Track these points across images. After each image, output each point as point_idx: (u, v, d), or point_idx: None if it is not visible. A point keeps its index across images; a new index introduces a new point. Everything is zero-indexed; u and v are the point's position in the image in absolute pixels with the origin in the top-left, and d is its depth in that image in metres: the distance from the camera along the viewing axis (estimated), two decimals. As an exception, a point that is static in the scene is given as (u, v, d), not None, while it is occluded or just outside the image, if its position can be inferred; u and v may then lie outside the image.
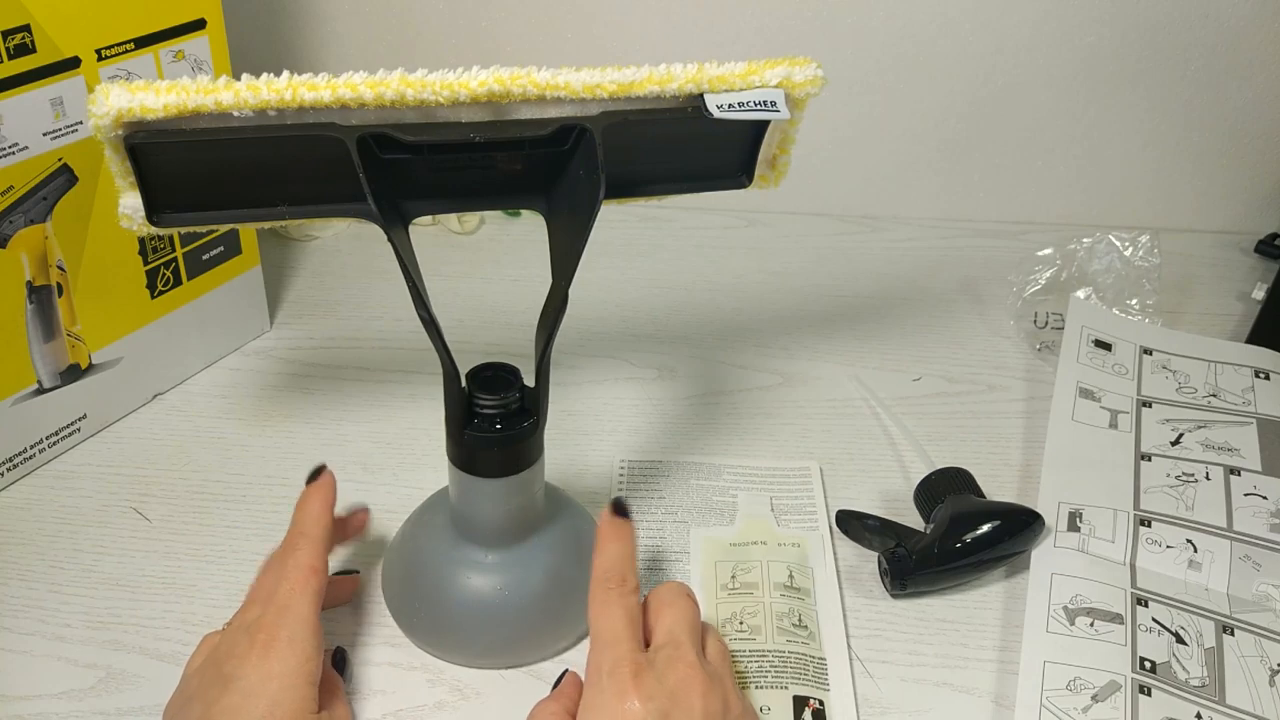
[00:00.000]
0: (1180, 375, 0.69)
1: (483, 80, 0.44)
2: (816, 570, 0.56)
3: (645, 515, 0.59)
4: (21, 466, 0.60)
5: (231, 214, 0.46)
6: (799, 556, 0.56)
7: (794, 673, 0.50)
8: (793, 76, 0.48)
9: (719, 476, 0.62)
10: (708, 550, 0.57)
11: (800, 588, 0.54)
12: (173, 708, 0.44)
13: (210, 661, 0.44)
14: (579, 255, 0.45)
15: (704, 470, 0.63)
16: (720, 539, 0.57)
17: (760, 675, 0.50)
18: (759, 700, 0.49)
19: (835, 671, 0.51)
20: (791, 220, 0.89)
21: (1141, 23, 0.80)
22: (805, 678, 0.50)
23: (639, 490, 0.61)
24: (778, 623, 0.52)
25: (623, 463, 0.63)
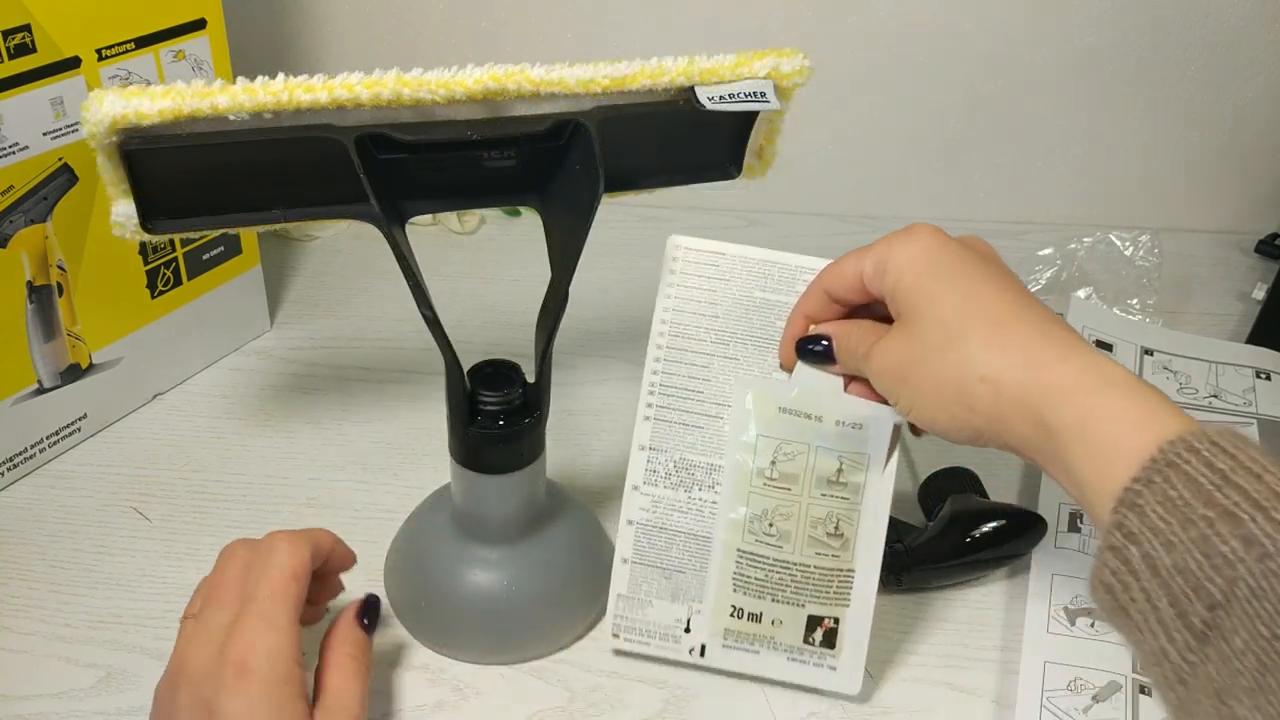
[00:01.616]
0: (1181, 376, 0.69)
1: (478, 78, 0.44)
2: (873, 460, 0.47)
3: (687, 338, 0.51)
4: (22, 466, 0.60)
5: (227, 218, 0.46)
6: (857, 442, 0.47)
7: (815, 589, 0.47)
8: (780, 67, 0.49)
9: (789, 289, 0.50)
10: (755, 410, 0.48)
11: (848, 483, 0.47)
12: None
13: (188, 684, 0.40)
14: (579, 251, 0.45)
15: (773, 280, 0.51)
16: (771, 397, 0.48)
17: (778, 588, 0.47)
18: (770, 613, 0.47)
19: (860, 586, 0.47)
20: (791, 220, 0.89)
21: (1141, 23, 0.80)
22: (825, 595, 0.47)
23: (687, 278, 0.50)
24: (811, 530, 0.47)
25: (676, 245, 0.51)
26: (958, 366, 0.38)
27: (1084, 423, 0.35)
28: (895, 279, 0.41)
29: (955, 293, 0.40)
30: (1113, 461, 0.34)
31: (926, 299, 0.40)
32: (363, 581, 0.55)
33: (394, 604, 0.54)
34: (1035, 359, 0.37)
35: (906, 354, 0.40)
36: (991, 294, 0.39)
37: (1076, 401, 0.35)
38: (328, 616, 0.48)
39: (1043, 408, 0.36)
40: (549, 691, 0.50)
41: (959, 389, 0.38)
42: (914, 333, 0.40)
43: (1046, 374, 0.36)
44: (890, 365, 0.41)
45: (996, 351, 0.37)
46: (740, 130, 0.52)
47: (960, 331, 0.38)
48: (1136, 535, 0.32)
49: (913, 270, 0.41)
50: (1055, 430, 0.36)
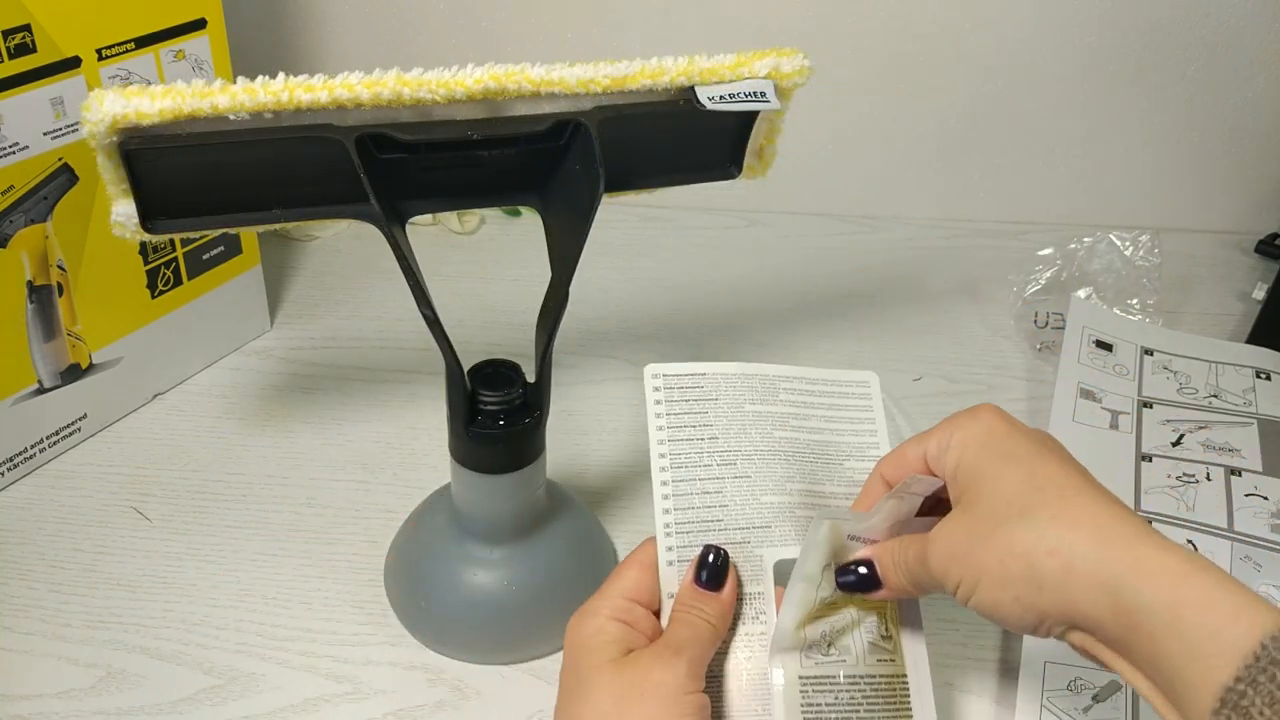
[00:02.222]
0: (1181, 376, 0.69)
1: (478, 78, 0.44)
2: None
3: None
4: (22, 466, 0.60)
5: (226, 218, 0.46)
6: None
7: (884, 704, 0.42)
8: (781, 67, 0.49)
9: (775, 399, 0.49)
10: (826, 536, 0.43)
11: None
12: None
13: None
14: (579, 251, 0.45)
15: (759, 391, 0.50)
16: (842, 524, 0.43)
17: (850, 710, 0.42)
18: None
19: (917, 694, 0.43)
20: (791, 220, 0.89)
21: (1141, 23, 0.80)
22: (891, 707, 0.43)
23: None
24: (867, 635, 0.43)
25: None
26: (1024, 541, 0.36)
27: (1174, 609, 0.32)
28: (957, 457, 0.40)
29: (1020, 469, 0.38)
30: (1210, 655, 0.31)
31: (990, 476, 0.38)
32: (363, 581, 0.55)
33: (394, 604, 0.54)
34: (1109, 535, 0.35)
35: (969, 532, 0.38)
36: (1056, 471, 0.37)
37: (1162, 584, 0.33)
38: None
39: (1121, 587, 0.33)
40: (549, 691, 0.50)
41: (1026, 566, 0.35)
42: (976, 511, 0.38)
43: (1125, 551, 0.34)
44: (950, 546, 0.38)
45: (1067, 526, 0.35)
46: (740, 130, 0.52)
47: (1026, 507, 0.36)
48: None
49: (975, 447, 0.39)
50: (1134, 613, 0.33)
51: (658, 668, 0.39)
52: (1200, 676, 0.31)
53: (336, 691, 0.50)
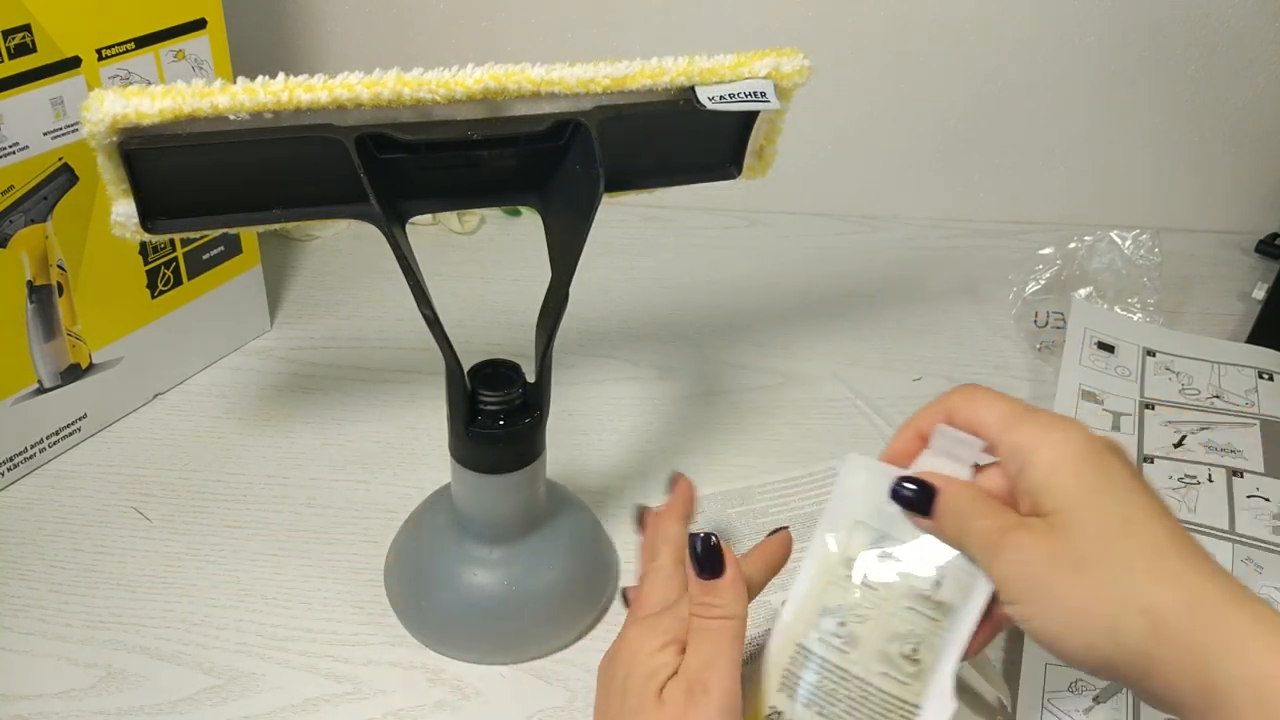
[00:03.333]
0: (1183, 376, 0.69)
1: (478, 78, 0.44)
2: (978, 585, 0.39)
3: None
4: (22, 466, 0.60)
5: (227, 218, 0.46)
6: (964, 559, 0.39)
7: (870, 714, 0.39)
8: (781, 67, 0.49)
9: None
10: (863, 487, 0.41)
11: (943, 603, 0.39)
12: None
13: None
14: (579, 251, 0.45)
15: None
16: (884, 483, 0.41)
17: (828, 700, 0.39)
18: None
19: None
20: (791, 220, 0.89)
21: (1141, 22, 0.80)
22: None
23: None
24: (885, 644, 0.39)
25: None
26: (1114, 593, 0.34)
27: (1259, 685, 0.31)
28: (1046, 479, 0.37)
29: (1119, 510, 0.36)
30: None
31: (1083, 508, 0.36)
32: (363, 581, 0.55)
33: (394, 604, 0.54)
34: (1201, 599, 0.33)
35: (1051, 558, 0.35)
36: (1151, 518, 0.36)
37: (1253, 657, 0.31)
38: None
39: (1210, 658, 0.32)
40: (549, 691, 0.50)
41: (1113, 618, 0.34)
42: (1064, 538, 0.35)
43: (1217, 619, 0.33)
44: (1032, 564, 0.36)
45: (1164, 584, 0.34)
46: (740, 130, 0.52)
47: (1124, 554, 0.34)
48: None
49: (1070, 474, 0.36)
50: (1222, 688, 0.32)
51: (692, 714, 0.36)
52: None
53: (336, 691, 0.50)
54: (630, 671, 0.38)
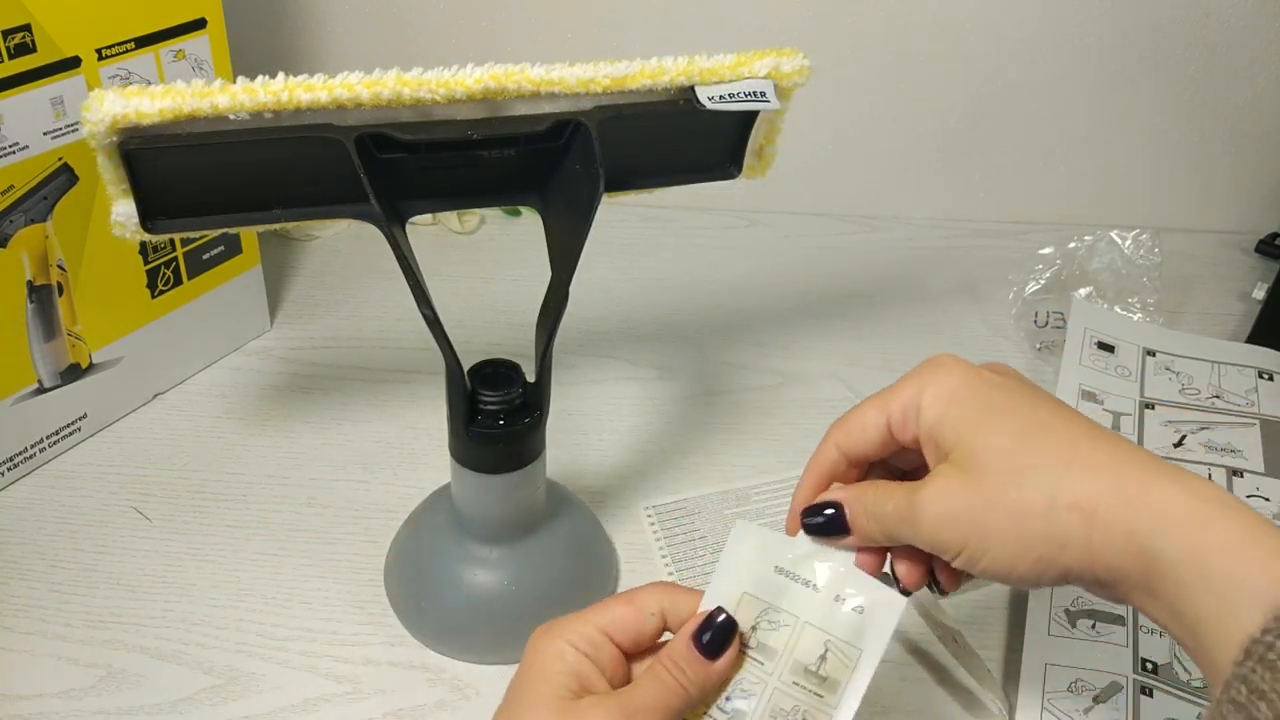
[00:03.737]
0: (1183, 376, 0.69)
1: (478, 78, 0.44)
2: (864, 658, 0.37)
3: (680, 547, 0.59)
4: (22, 466, 0.60)
5: (226, 218, 0.46)
6: (852, 630, 0.38)
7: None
8: (781, 67, 0.49)
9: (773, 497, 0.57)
10: (751, 556, 0.40)
11: (828, 678, 0.37)
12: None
13: None
14: (579, 251, 0.45)
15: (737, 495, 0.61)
16: (770, 553, 0.40)
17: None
18: None
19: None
20: (791, 220, 0.89)
21: (1141, 22, 0.80)
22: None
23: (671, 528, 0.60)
24: (772, 717, 0.38)
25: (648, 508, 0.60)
26: (1038, 499, 0.33)
27: (1199, 557, 0.31)
28: (937, 414, 0.36)
29: (1011, 420, 0.35)
30: (1237, 605, 0.30)
31: (979, 432, 0.35)
32: (363, 581, 0.55)
33: (394, 604, 0.54)
34: (1128, 481, 0.33)
35: (968, 493, 0.35)
36: (1052, 416, 0.35)
37: (1187, 531, 0.31)
38: None
39: (1146, 535, 0.32)
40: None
41: (1047, 526, 0.33)
42: (973, 470, 0.35)
43: (1147, 497, 0.32)
44: (951, 508, 0.35)
45: (1082, 474, 0.33)
46: (740, 130, 0.52)
47: (1032, 460, 0.34)
48: (1266, 693, 0.29)
49: (956, 402, 0.36)
50: (1162, 563, 0.31)
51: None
52: (1225, 626, 0.30)
53: (336, 691, 0.50)
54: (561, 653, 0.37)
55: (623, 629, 0.38)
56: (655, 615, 0.38)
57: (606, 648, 0.37)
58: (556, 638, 0.37)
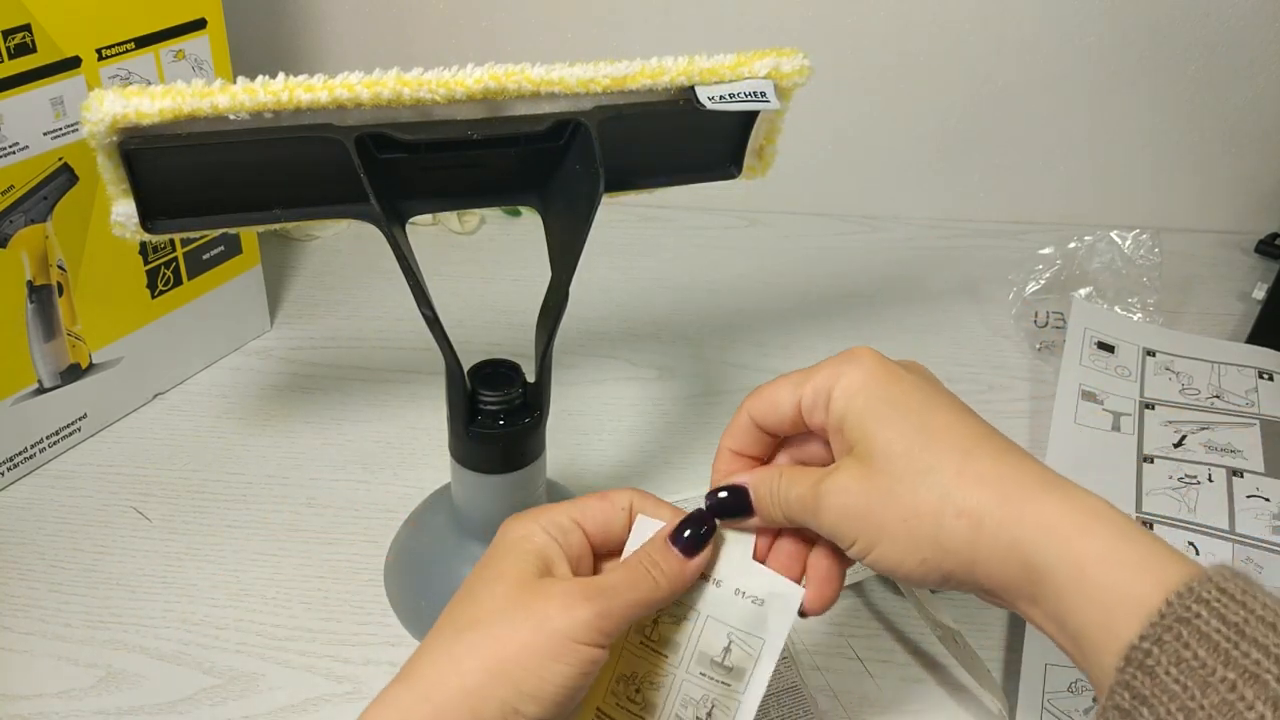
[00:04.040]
0: (1183, 376, 0.69)
1: (478, 78, 0.44)
2: (767, 648, 0.38)
3: None
4: (22, 466, 0.60)
5: (226, 218, 0.46)
6: (753, 622, 0.38)
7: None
8: (781, 67, 0.49)
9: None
10: None
11: (734, 668, 0.38)
12: None
13: None
14: (579, 251, 0.45)
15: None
16: None
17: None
18: None
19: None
20: (791, 220, 0.89)
21: (1141, 23, 0.80)
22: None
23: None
24: (680, 710, 0.39)
25: None
26: (929, 502, 0.34)
27: (1078, 567, 0.31)
28: (844, 406, 0.37)
29: (915, 419, 0.36)
30: (1115, 613, 0.30)
31: (882, 427, 0.36)
32: (363, 581, 0.55)
33: (394, 604, 0.54)
34: (1014, 492, 0.33)
35: (865, 488, 0.35)
36: (953, 421, 0.36)
37: (1068, 542, 0.32)
38: None
39: (1028, 547, 0.32)
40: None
41: (933, 528, 0.34)
42: (872, 465, 0.35)
43: (1029, 508, 0.33)
44: (849, 503, 0.36)
45: (972, 483, 0.34)
46: (740, 130, 0.52)
47: (928, 463, 0.35)
48: (1149, 699, 0.29)
49: (864, 396, 0.37)
50: (1043, 573, 0.32)
51: (557, 606, 0.34)
52: (1106, 634, 0.31)
53: (336, 691, 0.50)
54: (530, 534, 0.37)
55: (592, 518, 0.38)
56: (625, 510, 0.39)
57: (575, 534, 0.38)
58: (528, 521, 0.38)
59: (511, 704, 0.33)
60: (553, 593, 0.35)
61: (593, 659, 0.34)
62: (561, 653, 0.34)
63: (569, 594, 0.35)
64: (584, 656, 0.34)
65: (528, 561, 0.36)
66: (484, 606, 0.35)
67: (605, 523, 0.39)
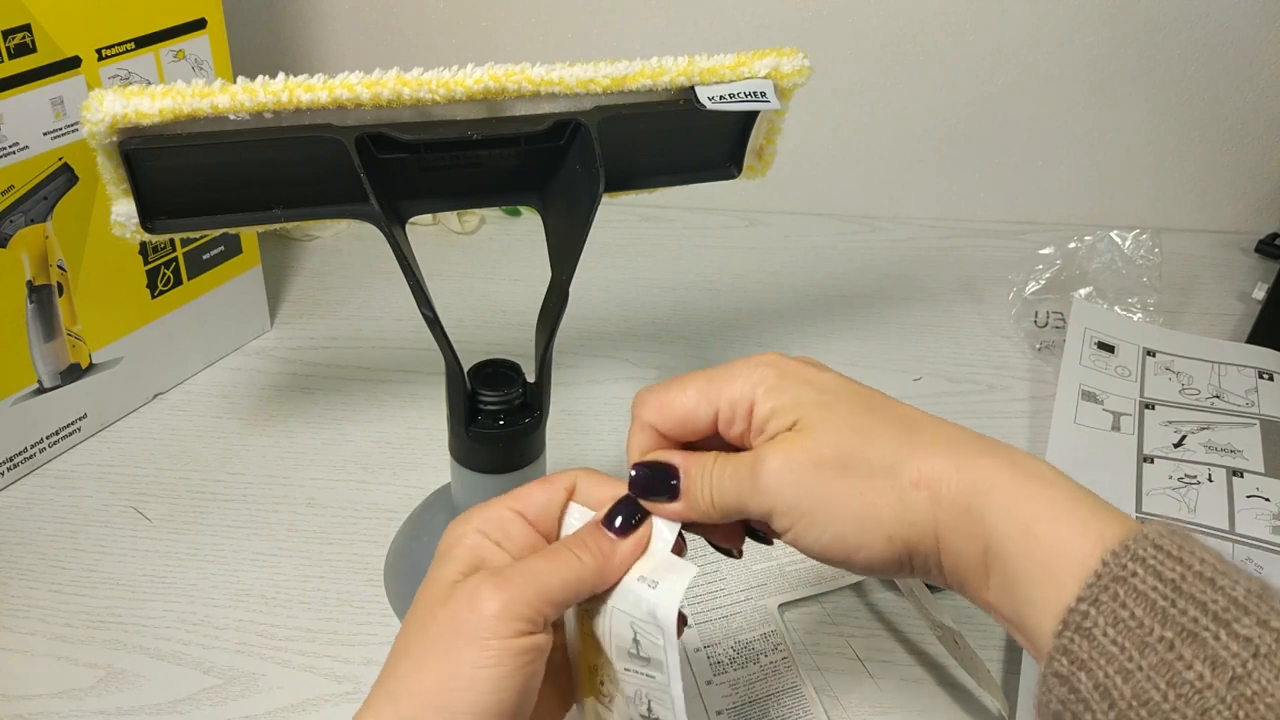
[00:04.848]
0: (1183, 376, 0.69)
1: (478, 78, 0.44)
2: (666, 634, 0.34)
3: None
4: (22, 466, 0.60)
5: (227, 218, 0.46)
6: (649, 607, 0.35)
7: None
8: (781, 67, 0.49)
9: None
10: None
11: (650, 659, 0.35)
12: None
13: None
14: (579, 250, 0.46)
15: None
16: None
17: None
18: None
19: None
20: (791, 220, 0.89)
21: (1141, 23, 0.80)
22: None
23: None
24: (627, 709, 0.36)
25: None
26: (889, 477, 0.33)
27: (1025, 528, 0.31)
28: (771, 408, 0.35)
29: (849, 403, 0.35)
30: (1058, 574, 0.30)
31: (818, 407, 0.34)
32: (363, 581, 0.55)
33: (394, 604, 0.54)
34: (964, 460, 0.32)
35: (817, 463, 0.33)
36: (885, 401, 0.35)
37: (1014, 501, 0.31)
38: None
39: (981, 511, 0.31)
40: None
41: (899, 503, 0.32)
42: (818, 441, 0.33)
43: (979, 477, 0.32)
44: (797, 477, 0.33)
45: (926, 455, 0.33)
46: (740, 130, 0.52)
47: (879, 441, 0.33)
48: (1086, 662, 0.28)
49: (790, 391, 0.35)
50: (994, 538, 0.31)
51: (464, 604, 0.32)
52: (1048, 598, 0.30)
53: (336, 691, 0.50)
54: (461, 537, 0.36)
55: (534, 505, 0.36)
56: (566, 491, 0.37)
57: (515, 524, 0.36)
58: (462, 523, 0.36)
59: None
60: (460, 592, 0.33)
61: (517, 650, 0.32)
62: (479, 656, 0.31)
63: (476, 587, 0.32)
64: (504, 650, 0.32)
65: (451, 567, 0.34)
66: (410, 630, 0.34)
67: (547, 507, 0.37)
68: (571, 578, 0.34)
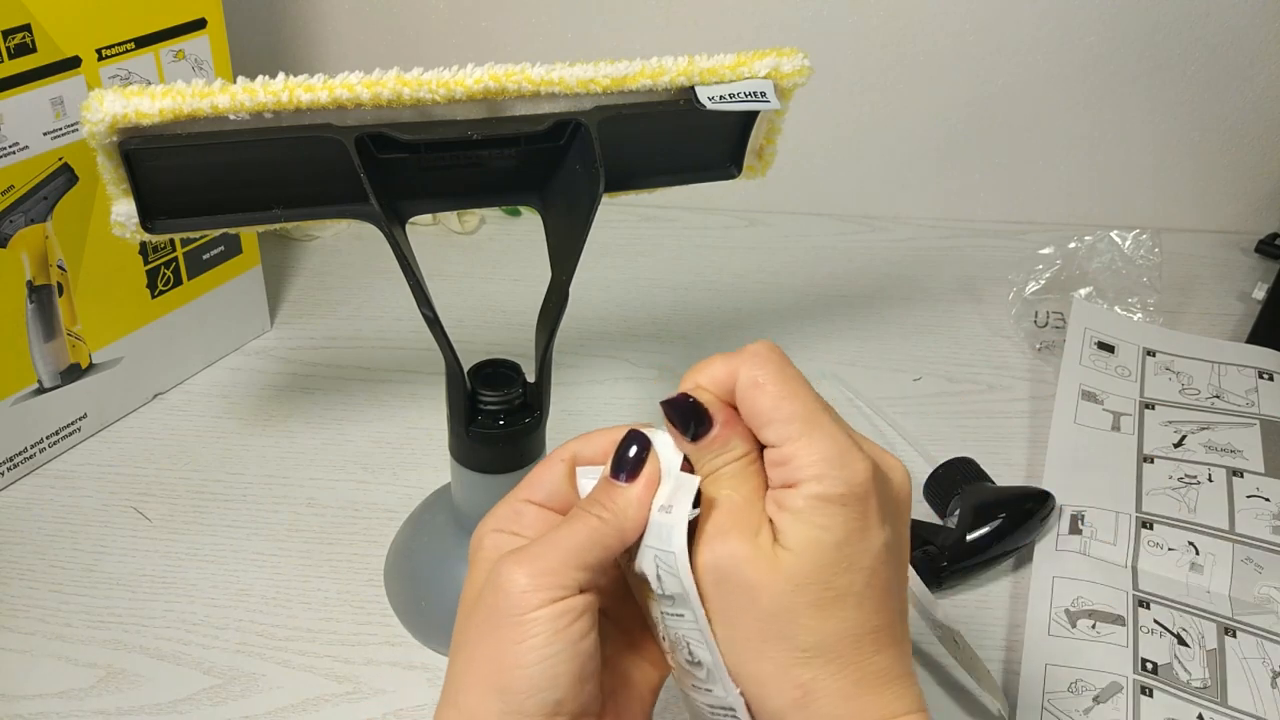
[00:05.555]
0: (1184, 376, 0.69)
1: (478, 78, 0.44)
2: (679, 557, 0.33)
3: None
4: (22, 466, 0.60)
5: (227, 218, 0.46)
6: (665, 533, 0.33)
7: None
8: (781, 67, 0.49)
9: None
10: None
11: (675, 596, 0.33)
12: None
13: None
14: (579, 250, 0.46)
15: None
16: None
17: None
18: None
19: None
20: (791, 220, 0.89)
21: (1142, 23, 0.80)
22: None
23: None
24: (673, 654, 0.35)
25: None
26: (800, 663, 0.32)
27: None
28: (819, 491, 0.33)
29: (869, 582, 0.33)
30: None
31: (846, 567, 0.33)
32: (363, 581, 0.55)
33: (394, 604, 0.54)
34: (852, 690, 0.32)
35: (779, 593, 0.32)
36: (896, 599, 0.34)
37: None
38: None
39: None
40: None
41: (778, 677, 0.32)
42: (798, 584, 0.32)
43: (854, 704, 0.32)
44: (746, 589, 0.32)
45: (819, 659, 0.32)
46: (740, 130, 0.52)
47: (830, 629, 0.32)
48: None
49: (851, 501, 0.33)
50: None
51: (495, 587, 0.32)
52: None
53: (336, 691, 0.50)
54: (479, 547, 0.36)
55: (541, 487, 0.36)
56: (566, 462, 0.36)
57: (528, 512, 0.36)
58: (479, 528, 0.36)
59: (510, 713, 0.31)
60: (490, 582, 0.33)
61: (552, 616, 0.31)
62: (518, 632, 0.31)
63: (500, 570, 0.32)
64: (539, 620, 0.31)
65: (479, 570, 0.35)
66: (456, 634, 0.34)
67: (553, 485, 0.36)
68: (593, 535, 0.33)
